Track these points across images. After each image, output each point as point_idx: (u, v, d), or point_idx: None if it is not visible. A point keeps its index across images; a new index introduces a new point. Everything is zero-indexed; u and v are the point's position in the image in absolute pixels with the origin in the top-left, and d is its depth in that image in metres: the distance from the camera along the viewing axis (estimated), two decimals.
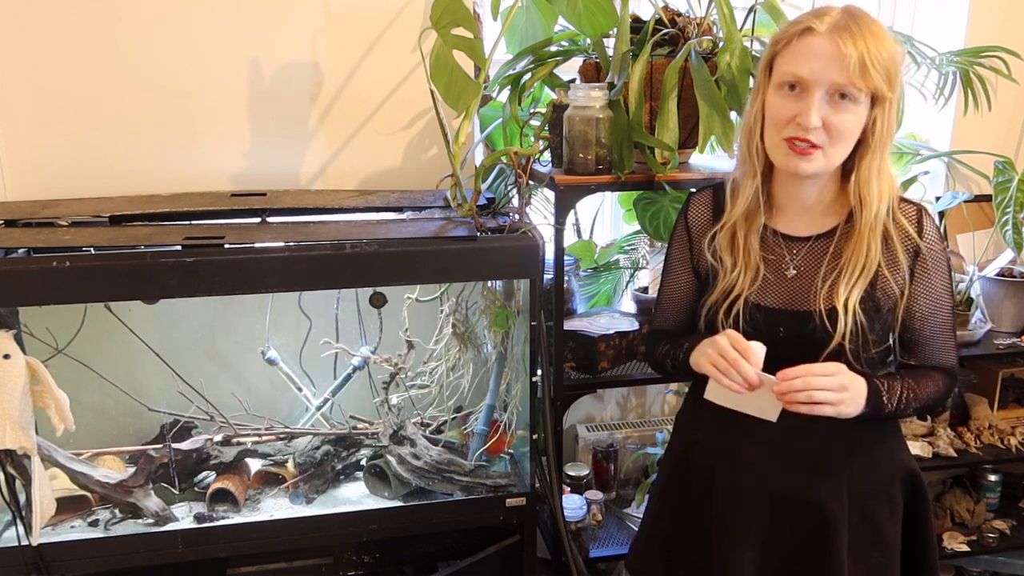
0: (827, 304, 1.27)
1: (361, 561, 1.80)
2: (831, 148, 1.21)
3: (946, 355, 1.36)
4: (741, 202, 1.32)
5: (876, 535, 1.34)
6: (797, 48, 1.20)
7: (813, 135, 1.19)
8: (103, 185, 1.87)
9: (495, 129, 1.88)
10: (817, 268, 1.30)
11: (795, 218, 1.33)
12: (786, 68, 1.21)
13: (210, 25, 1.84)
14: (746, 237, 1.32)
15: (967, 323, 2.13)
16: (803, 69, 1.19)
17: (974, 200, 2.26)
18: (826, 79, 1.17)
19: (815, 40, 1.18)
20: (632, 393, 2.42)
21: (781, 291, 1.32)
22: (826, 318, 1.26)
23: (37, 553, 1.58)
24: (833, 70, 1.17)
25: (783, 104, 1.22)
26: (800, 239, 1.33)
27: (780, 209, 1.35)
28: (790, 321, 1.30)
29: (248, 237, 1.57)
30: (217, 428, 1.84)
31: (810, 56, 1.18)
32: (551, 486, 1.76)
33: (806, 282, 1.31)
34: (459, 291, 1.85)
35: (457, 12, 1.50)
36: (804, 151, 1.21)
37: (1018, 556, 2.35)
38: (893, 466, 1.37)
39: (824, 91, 1.18)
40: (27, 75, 1.79)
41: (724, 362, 1.24)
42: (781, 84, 1.22)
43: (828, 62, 1.17)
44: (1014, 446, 2.25)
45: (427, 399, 1.91)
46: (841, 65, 1.16)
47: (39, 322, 1.70)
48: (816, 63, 1.17)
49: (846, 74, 1.16)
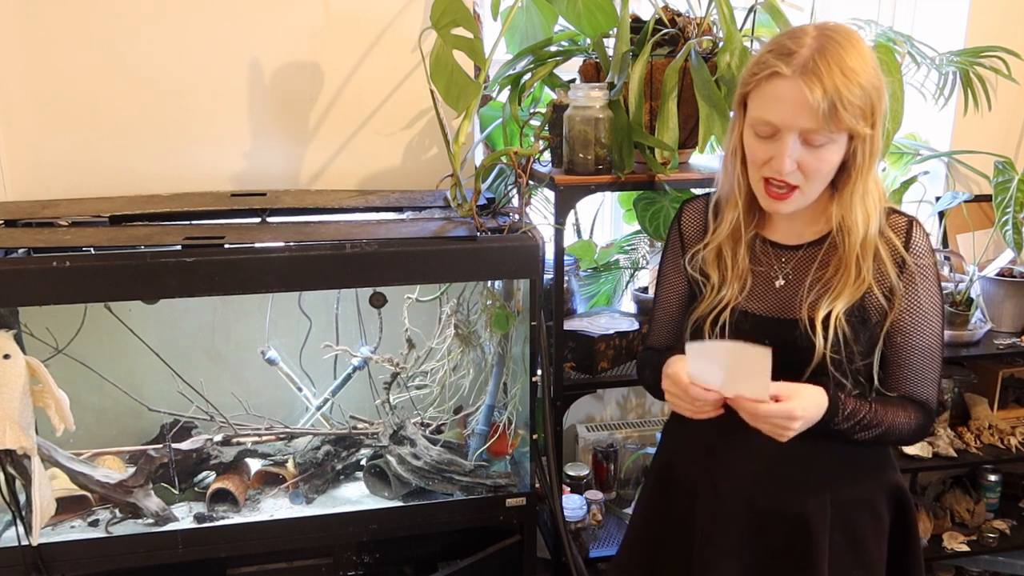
0: (812, 314, 1.24)
1: (361, 561, 1.80)
2: (808, 185, 1.19)
3: (924, 386, 1.29)
4: (724, 226, 1.31)
5: (860, 553, 1.32)
6: (766, 91, 1.16)
7: (789, 177, 1.18)
8: (103, 185, 1.87)
9: (495, 129, 1.88)
10: (804, 277, 1.28)
11: (785, 227, 1.32)
12: (756, 113, 1.18)
13: (210, 25, 1.84)
14: (733, 252, 1.31)
15: (967, 323, 2.13)
16: (772, 115, 1.15)
17: (974, 200, 2.26)
18: (796, 125, 1.14)
19: (783, 85, 1.13)
20: (632, 393, 2.42)
21: (769, 299, 1.31)
22: (809, 328, 1.24)
23: (37, 553, 1.58)
24: (801, 117, 1.13)
25: (757, 145, 1.20)
26: (790, 247, 1.31)
27: (770, 218, 1.33)
28: (776, 329, 1.28)
29: (248, 237, 1.57)
30: (217, 428, 1.84)
31: (778, 102, 1.14)
32: (551, 486, 1.76)
33: (793, 290, 1.29)
34: (459, 291, 1.85)
35: (457, 12, 1.50)
36: (781, 196, 1.20)
37: (1018, 556, 2.35)
38: (878, 481, 1.35)
39: (795, 135, 1.15)
40: (27, 75, 1.79)
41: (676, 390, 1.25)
42: (753, 126, 1.20)
43: (796, 109, 1.13)
44: (1014, 446, 2.25)
45: (427, 399, 1.91)
46: (810, 111, 1.12)
47: (39, 322, 1.70)
48: (784, 110, 1.14)
49: (815, 119, 1.12)
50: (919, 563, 1.40)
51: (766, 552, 1.33)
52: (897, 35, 1.90)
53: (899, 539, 1.37)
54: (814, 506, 1.30)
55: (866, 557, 1.33)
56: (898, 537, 1.37)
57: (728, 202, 1.31)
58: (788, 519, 1.31)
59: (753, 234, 1.32)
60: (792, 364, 1.23)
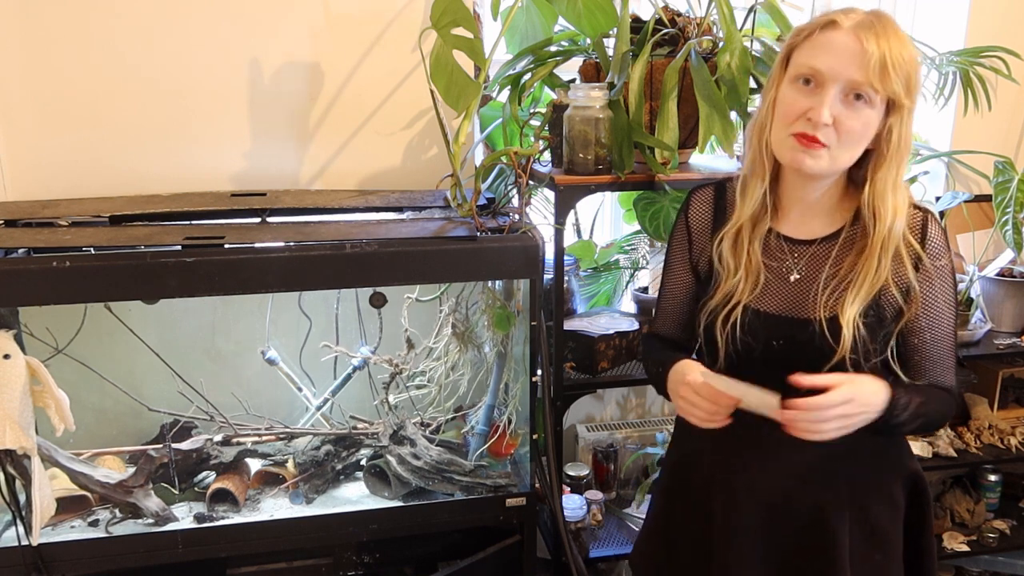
0: (828, 313, 1.24)
1: (361, 561, 1.80)
2: (838, 149, 1.17)
3: (947, 373, 1.31)
4: (749, 204, 1.28)
5: (877, 537, 1.33)
6: (818, 41, 1.16)
7: (822, 133, 1.15)
8: (103, 185, 1.87)
9: (495, 129, 1.88)
10: (819, 273, 1.27)
11: (799, 221, 1.30)
12: (803, 60, 1.17)
13: (210, 25, 1.84)
14: (750, 242, 1.29)
15: (967, 323, 2.13)
16: (821, 62, 1.15)
17: (974, 200, 2.26)
18: (844, 75, 1.14)
19: (838, 35, 1.14)
20: (632, 393, 2.42)
21: (782, 296, 1.29)
22: (826, 327, 1.23)
23: (37, 553, 1.58)
24: (852, 67, 1.13)
25: (795, 97, 1.18)
26: (804, 242, 1.30)
27: (784, 212, 1.32)
28: (789, 328, 1.27)
29: (248, 237, 1.57)
30: (217, 428, 1.84)
31: (830, 50, 1.14)
32: (551, 486, 1.76)
33: (807, 287, 1.28)
34: (459, 291, 1.85)
35: (457, 12, 1.50)
36: (811, 145, 1.17)
37: (1018, 556, 2.35)
38: (894, 468, 1.36)
39: (840, 88, 1.14)
40: (27, 75, 1.79)
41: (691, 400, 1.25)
42: (796, 77, 1.18)
43: (848, 58, 1.13)
44: (1014, 446, 2.25)
45: (427, 399, 1.91)
46: (861, 62, 1.12)
47: (39, 322, 1.70)
48: (835, 58, 1.14)
49: (865, 72, 1.12)
50: (932, 546, 1.40)
51: (785, 545, 1.33)
52: None
53: (914, 523, 1.38)
54: (832, 499, 1.30)
55: (883, 541, 1.33)
56: (913, 520, 1.37)
57: (755, 176, 1.28)
58: (807, 513, 1.31)
59: (766, 228, 1.31)
60: (806, 364, 1.21)
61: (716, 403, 1.22)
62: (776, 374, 1.20)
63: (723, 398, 1.21)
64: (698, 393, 1.23)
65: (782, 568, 1.34)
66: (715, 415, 1.23)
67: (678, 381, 1.28)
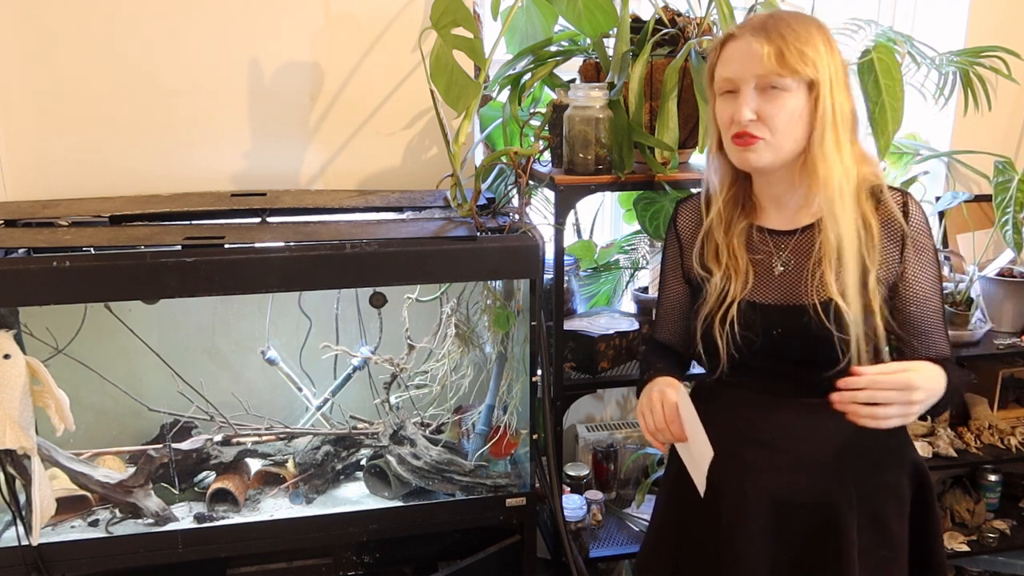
0: (821, 297, 1.28)
1: (361, 561, 1.80)
2: (775, 138, 1.25)
3: (943, 344, 1.35)
4: (713, 210, 1.38)
5: (884, 532, 1.34)
6: (724, 55, 1.28)
7: (752, 127, 1.25)
8: (103, 185, 1.87)
9: (495, 129, 1.88)
10: (805, 261, 1.32)
11: (778, 213, 1.36)
12: (720, 74, 1.29)
13: (210, 25, 1.84)
14: (729, 242, 1.35)
15: (967, 323, 2.13)
16: (730, 71, 1.26)
17: (974, 200, 2.26)
18: (749, 74, 1.24)
19: (738, 43, 1.26)
20: (632, 393, 2.42)
21: (774, 287, 1.34)
22: (820, 311, 1.27)
23: (37, 553, 1.58)
24: (753, 65, 1.23)
25: (723, 107, 1.29)
26: (786, 233, 1.35)
27: (763, 207, 1.38)
28: (786, 316, 1.31)
29: (248, 237, 1.57)
30: (217, 428, 1.83)
31: (735, 58, 1.26)
32: (551, 486, 1.76)
33: (796, 276, 1.32)
34: (459, 291, 1.85)
35: (457, 12, 1.50)
36: (746, 142, 1.26)
37: (1018, 556, 2.35)
38: (900, 462, 1.37)
39: (752, 87, 1.24)
40: (27, 75, 1.79)
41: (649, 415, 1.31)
42: (720, 90, 1.30)
43: (748, 59, 1.24)
44: (1014, 446, 2.25)
45: (427, 399, 1.91)
46: (759, 59, 1.22)
47: (39, 322, 1.70)
48: (739, 63, 1.25)
49: (763, 66, 1.22)
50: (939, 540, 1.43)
51: (794, 544, 1.34)
52: (897, 35, 1.90)
53: (919, 515, 1.39)
54: (839, 494, 1.32)
55: (889, 536, 1.35)
56: (918, 513, 1.39)
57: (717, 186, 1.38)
58: (814, 509, 1.32)
59: (747, 223, 1.36)
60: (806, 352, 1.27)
61: (667, 424, 1.29)
62: (779, 364, 1.26)
63: (675, 425, 1.29)
64: (662, 404, 1.29)
65: (792, 565, 1.34)
66: (657, 434, 1.31)
67: (653, 387, 1.34)
